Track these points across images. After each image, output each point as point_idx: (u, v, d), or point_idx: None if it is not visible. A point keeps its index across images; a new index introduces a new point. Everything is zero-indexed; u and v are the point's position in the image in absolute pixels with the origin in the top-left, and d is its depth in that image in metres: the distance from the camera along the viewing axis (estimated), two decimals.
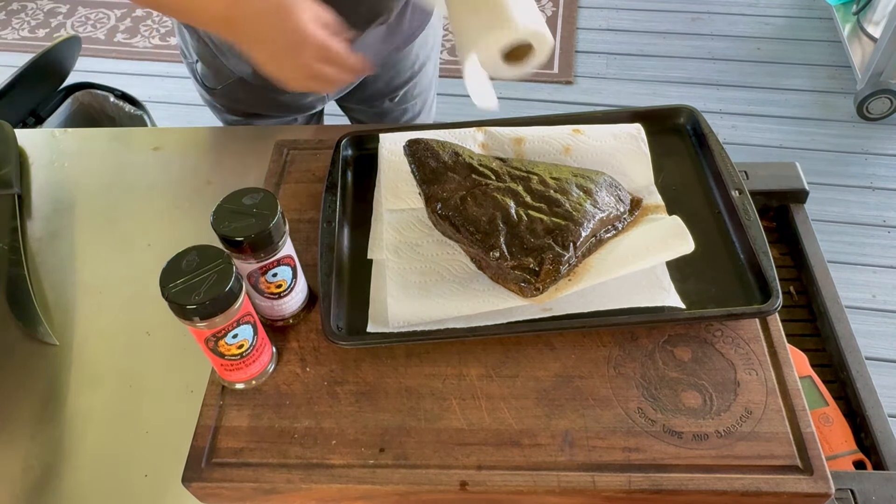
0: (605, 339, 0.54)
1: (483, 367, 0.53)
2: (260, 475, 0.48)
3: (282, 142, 0.71)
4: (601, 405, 0.50)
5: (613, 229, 0.57)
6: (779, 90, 2.16)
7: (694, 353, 0.52)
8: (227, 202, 0.49)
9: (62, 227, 0.73)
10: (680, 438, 0.48)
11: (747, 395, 0.50)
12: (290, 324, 0.56)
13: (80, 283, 0.68)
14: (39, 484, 0.55)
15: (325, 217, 0.60)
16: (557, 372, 0.52)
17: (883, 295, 1.64)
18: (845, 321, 0.66)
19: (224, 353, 0.48)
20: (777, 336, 0.53)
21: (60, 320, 0.65)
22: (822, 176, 1.90)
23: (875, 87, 1.96)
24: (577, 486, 0.46)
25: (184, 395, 0.58)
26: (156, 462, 0.55)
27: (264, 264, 0.50)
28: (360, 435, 0.50)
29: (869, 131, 2.02)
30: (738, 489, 0.45)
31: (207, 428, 0.50)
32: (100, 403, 0.59)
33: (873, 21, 2.11)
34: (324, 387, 0.52)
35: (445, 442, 0.49)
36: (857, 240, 1.75)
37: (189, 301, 0.43)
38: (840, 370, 0.65)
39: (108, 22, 2.64)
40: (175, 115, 2.25)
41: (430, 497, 0.48)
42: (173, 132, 0.84)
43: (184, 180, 0.77)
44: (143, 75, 2.41)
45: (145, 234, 0.72)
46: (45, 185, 0.76)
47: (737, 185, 0.60)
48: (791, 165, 0.76)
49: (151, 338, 0.63)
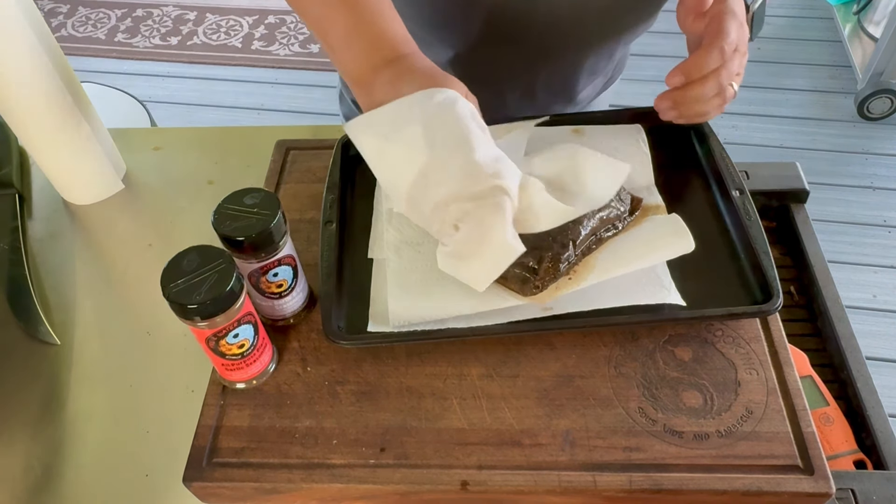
0: (605, 338, 0.54)
1: (484, 366, 0.53)
2: (261, 475, 0.48)
3: (282, 142, 0.72)
4: (602, 405, 0.50)
5: (614, 228, 0.57)
6: (779, 90, 2.16)
7: (695, 353, 0.52)
8: (228, 202, 0.49)
9: (62, 227, 0.73)
10: (681, 438, 0.48)
11: (748, 394, 0.50)
12: (291, 323, 0.56)
13: (81, 283, 0.68)
14: (40, 484, 0.55)
15: (325, 217, 0.60)
16: (558, 371, 0.52)
17: (883, 295, 1.64)
18: (846, 321, 0.66)
19: (225, 352, 0.48)
20: (778, 336, 0.53)
21: (61, 320, 0.65)
22: (822, 176, 1.90)
23: (875, 86, 1.96)
24: (577, 485, 0.46)
25: (184, 395, 0.58)
26: (156, 462, 0.55)
27: (265, 264, 0.50)
28: (360, 434, 0.50)
29: (869, 131, 2.02)
30: (738, 489, 0.46)
31: (208, 427, 0.51)
32: (100, 403, 0.59)
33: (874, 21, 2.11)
34: (325, 386, 0.52)
35: (446, 441, 0.49)
36: (857, 240, 1.75)
37: (190, 301, 0.43)
38: (840, 370, 0.65)
39: (109, 22, 2.64)
40: (175, 115, 2.25)
41: (430, 497, 0.48)
42: (174, 132, 0.84)
43: (184, 180, 0.77)
44: (143, 75, 2.41)
45: (145, 234, 0.72)
46: (46, 185, 0.76)
47: (737, 185, 0.60)
48: (791, 165, 0.76)
49: (152, 338, 0.63)
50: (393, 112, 0.49)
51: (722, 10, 0.57)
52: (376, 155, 0.51)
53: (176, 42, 2.53)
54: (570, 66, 0.79)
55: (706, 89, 0.57)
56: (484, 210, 0.47)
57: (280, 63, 2.44)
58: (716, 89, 0.57)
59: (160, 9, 2.68)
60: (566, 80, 0.81)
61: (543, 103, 0.83)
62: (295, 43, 2.52)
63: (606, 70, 0.84)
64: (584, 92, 0.85)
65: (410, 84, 0.49)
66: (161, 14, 2.65)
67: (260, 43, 2.52)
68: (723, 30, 0.56)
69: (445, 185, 0.47)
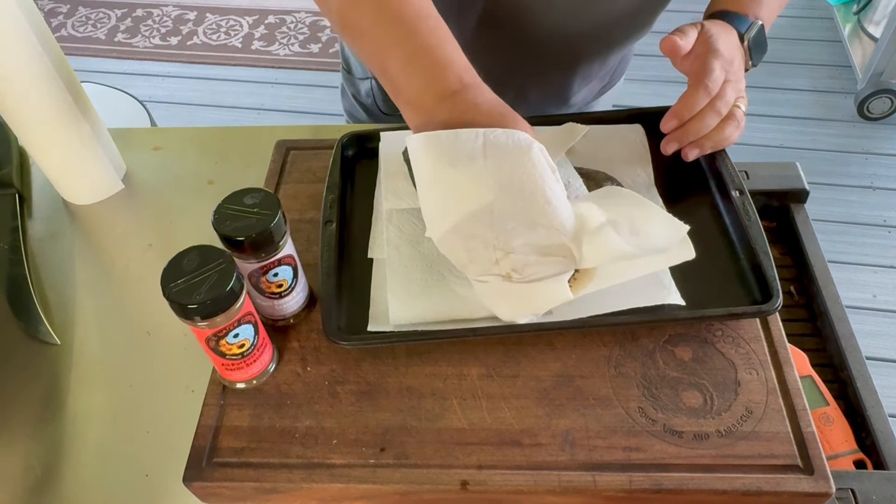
0: (605, 338, 0.54)
1: (484, 366, 0.53)
2: (261, 475, 0.48)
3: (282, 142, 0.72)
4: (602, 405, 0.50)
5: None
6: (779, 90, 2.16)
7: (694, 353, 0.52)
8: (228, 202, 0.49)
9: (62, 227, 0.73)
10: (681, 438, 0.48)
11: (748, 394, 0.50)
12: (291, 323, 0.56)
13: (81, 283, 0.68)
14: (40, 484, 0.55)
15: (325, 216, 0.60)
16: (558, 371, 0.52)
17: (883, 295, 1.64)
18: (846, 321, 0.66)
19: (225, 352, 0.48)
20: (777, 336, 0.53)
21: (61, 320, 0.65)
22: (822, 176, 1.90)
23: (875, 86, 1.96)
24: (577, 485, 0.46)
25: (184, 395, 0.58)
26: (156, 462, 0.55)
27: (265, 264, 0.50)
28: (360, 434, 0.50)
29: (869, 131, 2.02)
30: (738, 489, 0.46)
31: (208, 427, 0.51)
32: (100, 403, 0.59)
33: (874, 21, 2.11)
34: (325, 386, 0.52)
35: (446, 441, 0.49)
36: (857, 240, 1.76)
37: (190, 301, 0.43)
38: (840, 370, 0.65)
39: (109, 22, 2.64)
40: (176, 115, 2.25)
41: (430, 496, 0.48)
42: (174, 132, 0.84)
43: (184, 180, 0.77)
44: (143, 75, 2.41)
45: (145, 234, 0.72)
46: (46, 185, 0.76)
47: (737, 186, 0.60)
48: (791, 165, 0.76)
49: (152, 338, 0.63)
50: (461, 139, 0.47)
51: (704, 51, 0.61)
52: (433, 177, 0.49)
53: (176, 42, 2.53)
54: (562, 71, 0.79)
55: (704, 124, 0.60)
56: (547, 264, 0.48)
57: (280, 63, 2.44)
58: (715, 119, 0.60)
59: (160, 9, 2.68)
60: (559, 84, 0.81)
61: (536, 106, 0.83)
62: (295, 43, 2.52)
63: (601, 75, 0.84)
64: (579, 95, 0.85)
65: (476, 118, 0.48)
66: (161, 14, 2.66)
67: (260, 43, 2.52)
68: (705, 69, 0.59)
69: (512, 233, 0.47)
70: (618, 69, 0.89)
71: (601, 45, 0.76)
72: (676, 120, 0.61)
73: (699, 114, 0.60)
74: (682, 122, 0.61)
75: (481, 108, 0.49)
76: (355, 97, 0.92)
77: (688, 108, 0.60)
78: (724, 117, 0.60)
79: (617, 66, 0.88)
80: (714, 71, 0.59)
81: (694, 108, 0.60)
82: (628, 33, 0.76)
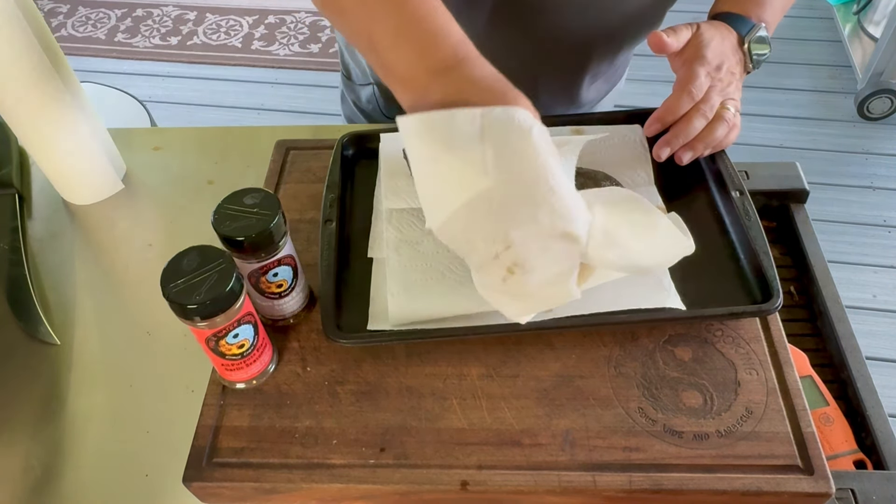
0: (605, 338, 0.54)
1: (484, 366, 0.53)
2: (261, 475, 0.48)
3: (282, 142, 0.72)
4: (602, 405, 0.50)
5: None
6: (779, 90, 2.16)
7: (694, 353, 0.52)
8: (228, 202, 0.49)
9: (62, 227, 0.73)
10: (680, 438, 0.48)
11: (748, 394, 0.50)
12: (291, 323, 0.56)
13: (80, 283, 0.68)
14: (40, 484, 0.55)
15: (325, 216, 0.60)
16: (558, 372, 0.52)
17: (883, 295, 1.64)
18: (846, 321, 0.66)
19: (225, 352, 0.48)
20: (777, 336, 0.53)
21: (61, 320, 0.65)
22: (822, 176, 1.90)
23: (875, 86, 1.96)
24: (577, 485, 0.46)
25: (184, 395, 0.58)
26: (156, 462, 0.55)
27: (265, 264, 0.50)
28: (360, 434, 0.50)
29: (869, 131, 2.02)
30: (738, 489, 0.46)
31: (208, 427, 0.51)
32: (100, 403, 0.59)
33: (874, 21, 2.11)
34: (324, 386, 0.52)
35: (446, 441, 0.49)
36: (857, 240, 1.75)
37: (190, 301, 0.43)
38: (840, 370, 0.65)
39: (109, 22, 2.64)
40: (176, 115, 2.25)
41: (430, 497, 0.48)
42: (174, 132, 0.84)
43: (184, 180, 0.77)
44: (143, 75, 2.41)
45: (145, 234, 0.72)
46: (46, 185, 0.76)
47: (737, 186, 0.60)
48: (791, 165, 0.76)
49: (152, 338, 0.63)
50: (457, 121, 0.43)
51: (691, 57, 0.61)
52: (428, 162, 0.45)
53: (176, 42, 2.53)
54: (572, 71, 0.79)
55: (691, 126, 0.60)
56: (551, 258, 0.44)
57: (280, 63, 2.44)
58: (702, 121, 0.60)
59: (160, 9, 2.68)
60: (569, 84, 0.81)
61: (546, 106, 0.83)
62: (295, 43, 2.52)
63: (608, 74, 0.84)
64: (588, 95, 0.85)
65: (473, 96, 0.44)
66: (161, 14, 2.65)
67: (260, 43, 2.52)
68: (690, 75, 0.60)
69: (512, 223, 0.43)
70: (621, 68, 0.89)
71: (612, 44, 0.76)
72: (659, 124, 0.62)
73: (685, 116, 0.60)
74: (664, 125, 0.62)
75: (479, 84, 0.45)
76: (356, 104, 0.91)
77: (670, 113, 0.61)
78: (711, 119, 0.60)
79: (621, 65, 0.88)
80: (699, 77, 0.60)
81: (677, 113, 0.60)
82: (639, 30, 0.75)
